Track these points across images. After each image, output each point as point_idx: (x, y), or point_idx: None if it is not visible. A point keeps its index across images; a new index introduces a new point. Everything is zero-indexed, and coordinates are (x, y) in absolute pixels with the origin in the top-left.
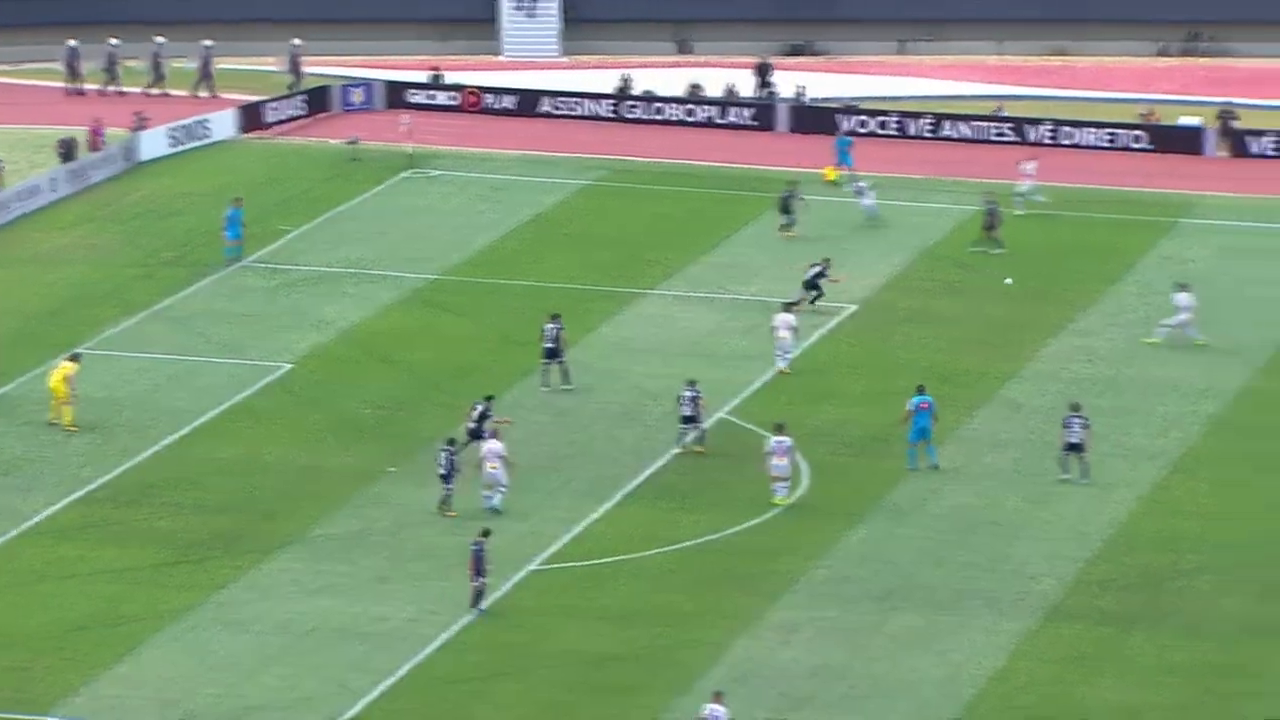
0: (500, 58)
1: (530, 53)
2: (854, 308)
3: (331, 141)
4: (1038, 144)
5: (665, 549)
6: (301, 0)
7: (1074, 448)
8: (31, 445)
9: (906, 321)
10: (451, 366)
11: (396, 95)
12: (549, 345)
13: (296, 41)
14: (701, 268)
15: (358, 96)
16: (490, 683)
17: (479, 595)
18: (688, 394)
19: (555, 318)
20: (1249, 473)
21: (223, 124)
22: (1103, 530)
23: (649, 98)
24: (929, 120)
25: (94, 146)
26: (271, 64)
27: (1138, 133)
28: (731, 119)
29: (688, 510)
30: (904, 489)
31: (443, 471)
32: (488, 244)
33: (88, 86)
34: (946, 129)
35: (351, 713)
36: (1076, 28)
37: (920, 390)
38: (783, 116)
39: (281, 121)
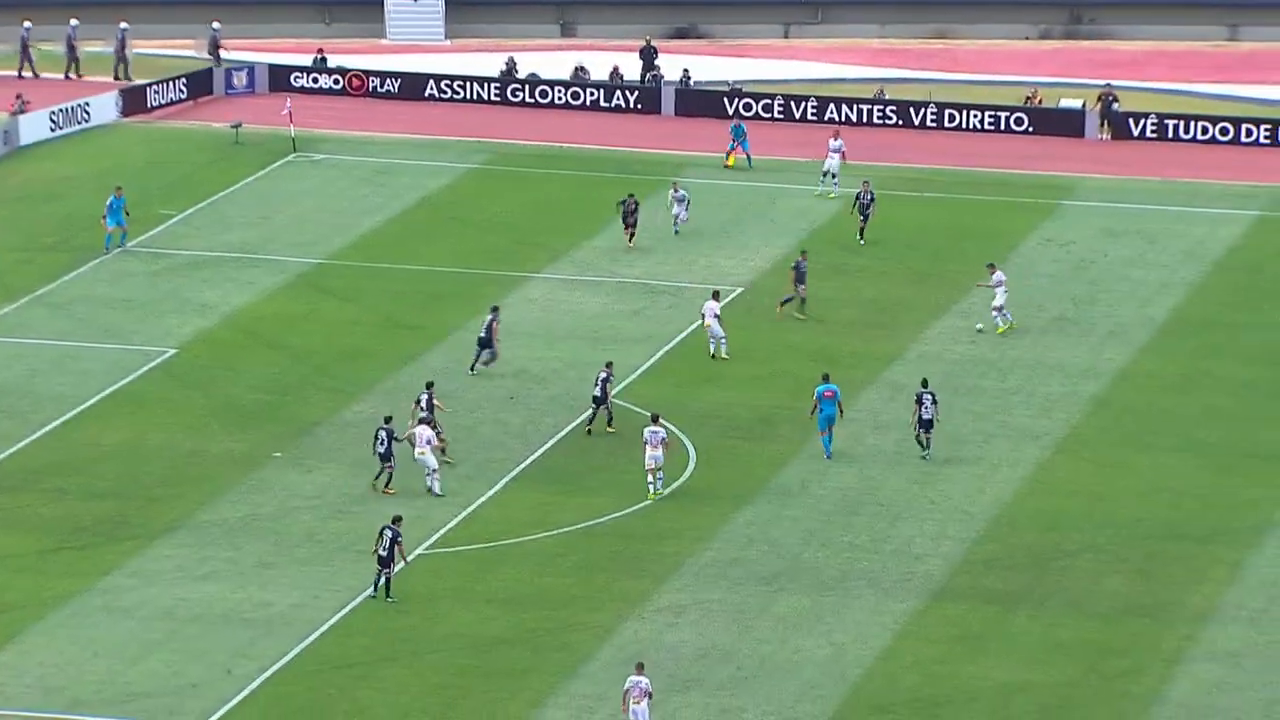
0: (384, 41)
1: (415, 36)
2: (739, 290)
3: (214, 125)
4: (922, 126)
5: (553, 532)
6: None
7: (926, 424)
8: None
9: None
10: (337, 351)
11: (280, 79)
12: (482, 335)
13: (216, 25)
14: (587, 251)
15: (240, 80)
16: (378, 667)
17: (390, 582)
18: (601, 375)
19: (495, 309)
20: (1131, 452)
21: (104, 107)
22: (987, 510)
23: (534, 81)
24: (813, 103)
25: None
26: (191, 47)
27: (1019, 115)
28: (617, 102)
29: (575, 494)
30: (789, 471)
31: (381, 450)
32: (373, 228)
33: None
34: (830, 112)
35: (237, 699)
36: (959, 11)
37: (825, 379)
38: (668, 100)
39: (163, 105)
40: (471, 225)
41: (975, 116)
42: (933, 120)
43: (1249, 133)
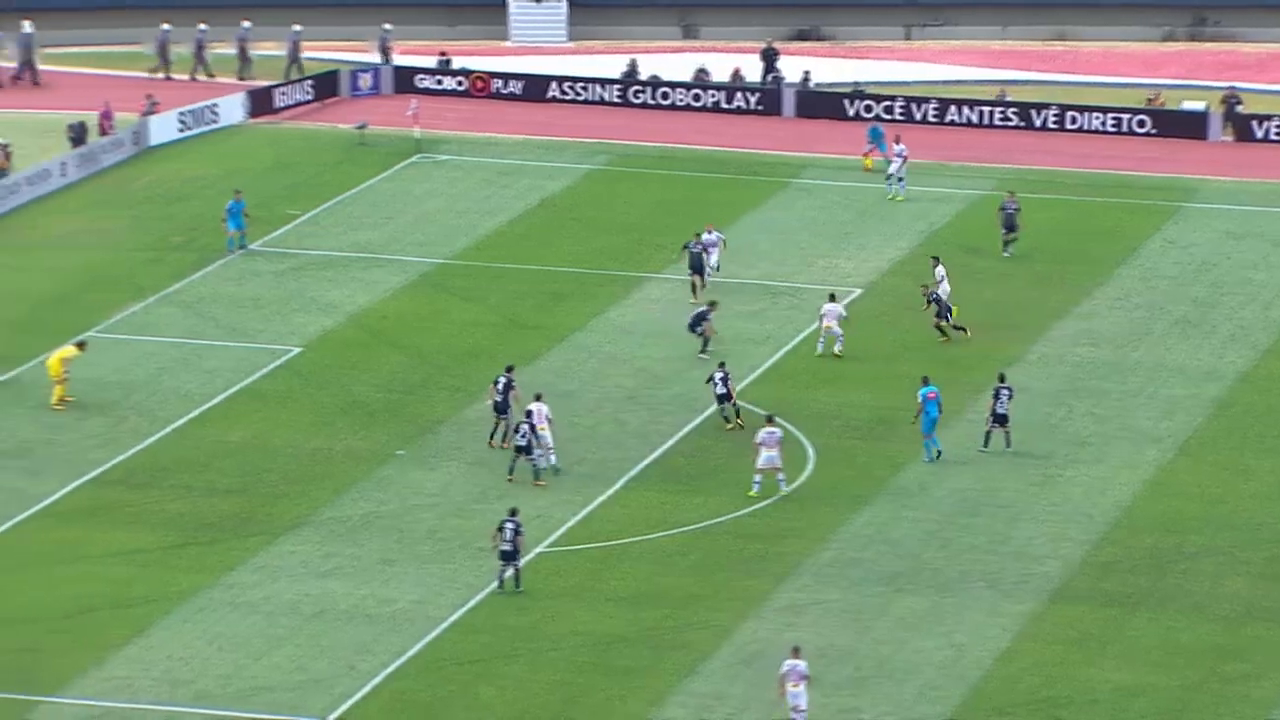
0: (508, 43)
1: (538, 38)
2: (859, 291)
3: (340, 126)
4: (1044, 128)
5: (672, 532)
6: None
7: (1000, 419)
8: (42, 428)
9: (912, 306)
10: (459, 350)
11: (405, 80)
12: (498, 399)
13: (387, 26)
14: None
15: (365, 82)
16: (497, 664)
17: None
18: (719, 375)
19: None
20: (1253, 455)
21: (231, 109)
22: (1107, 513)
23: (655, 83)
24: (934, 105)
25: (104, 131)
26: (363, 49)
27: (1142, 117)
28: (737, 104)
29: (694, 493)
30: (909, 472)
31: (498, 400)
32: (495, 228)
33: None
34: (951, 114)
35: (359, 694)
36: (1081, 12)
37: (925, 381)
38: (788, 101)
39: (290, 106)
40: (592, 226)
41: (1097, 118)
42: (1054, 122)
43: None
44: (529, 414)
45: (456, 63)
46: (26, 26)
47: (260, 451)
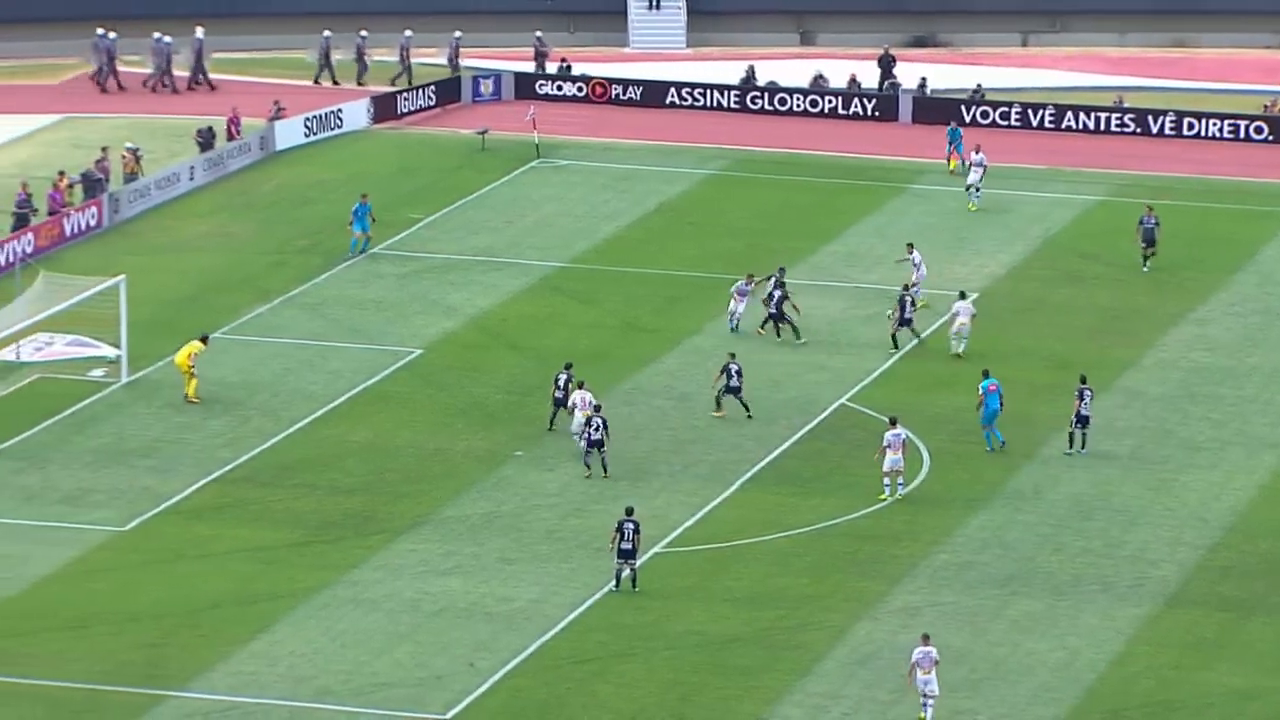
0: (627, 49)
1: (656, 44)
2: (974, 296)
3: (461, 132)
4: (1160, 134)
5: (788, 533)
6: None
7: (1083, 420)
8: (170, 428)
9: (1026, 310)
10: (577, 352)
11: (525, 86)
12: (558, 395)
13: (458, 34)
14: (823, 256)
15: (487, 88)
16: (613, 663)
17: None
18: (734, 367)
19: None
20: None
21: (356, 114)
22: (1222, 517)
23: (773, 89)
24: (1051, 111)
25: (231, 136)
26: (433, 55)
27: (1259, 123)
28: (854, 110)
29: (809, 495)
30: (1023, 476)
31: (559, 395)
32: (613, 232)
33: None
34: (1068, 120)
35: (478, 691)
36: (1198, 19)
37: (986, 374)
38: (905, 107)
39: (413, 112)
40: (708, 230)
41: (1214, 125)
42: (1171, 128)
43: None
44: (590, 407)
45: (576, 69)
46: (199, 32)
47: (382, 451)
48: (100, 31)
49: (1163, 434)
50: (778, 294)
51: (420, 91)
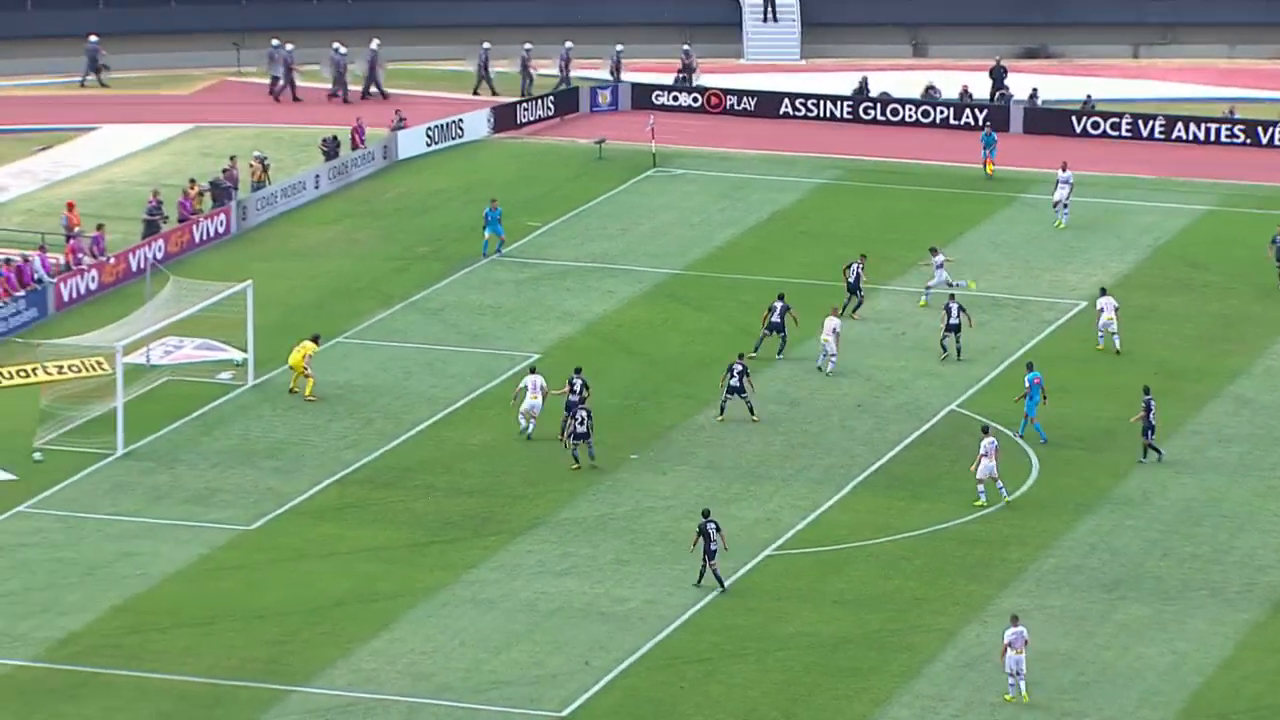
0: (742, 61)
1: (771, 56)
2: (1083, 304)
3: (579, 141)
4: (1270, 145)
5: (897, 536)
6: (558, 5)
7: (1151, 429)
8: (295, 429)
9: (1136, 318)
10: (691, 358)
11: (642, 97)
12: (775, 320)
13: (569, 44)
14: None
15: (605, 98)
16: (726, 663)
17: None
18: (738, 367)
19: (781, 297)
20: None
21: (476, 124)
22: None
23: (885, 99)
24: (1161, 122)
25: (355, 145)
26: (547, 66)
27: None
28: (966, 120)
29: (919, 499)
30: (1131, 481)
31: (574, 399)
32: (727, 240)
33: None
34: (1179, 131)
35: (593, 690)
36: None
37: (1030, 367)
38: (1016, 118)
39: (531, 122)
40: (821, 238)
41: None
42: None
43: None
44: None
45: (683, 79)
46: (373, 44)
47: (500, 454)
48: (275, 43)
49: (1272, 441)
50: (779, 305)
51: (539, 102)
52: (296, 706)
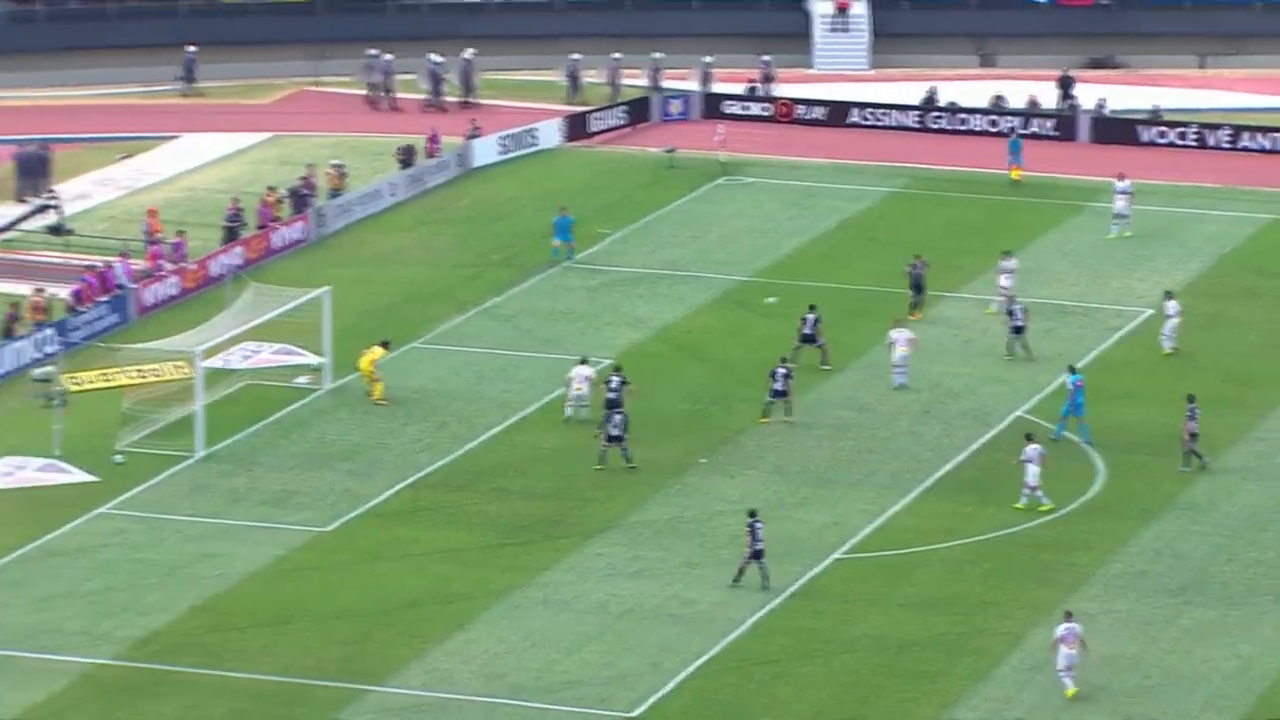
0: (812, 70)
1: (841, 66)
2: (1150, 312)
3: (650, 150)
4: None
5: (965, 540)
6: (628, 17)
7: (1194, 436)
8: (370, 433)
9: (1202, 326)
10: (760, 364)
11: (713, 106)
12: (807, 332)
13: (658, 55)
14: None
15: (676, 107)
16: (794, 665)
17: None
18: (781, 370)
19: (813, 308)
20: None
21: (549, 133)
22: None
23: (953, 109)
24: (1227, 132)
25: (431, 154)
26: (594, 76)
27: None
28: (1034, 129)
29: (986, 504)
30: (1197, 487)
31: (613, 396)
32: (795, 248)
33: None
34: (1245, 140)
35: (663, 691)
36: None
37: (1072, 370)
38: (1084, 127)
39: (604, 131)
40: (889, 246)
41: None
42: None
43: None
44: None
45: (761, 89)
46: (468, 53)
47: (571, 458)
48: (373, 52)
49: None
50: (811, 317)
51: (611, 111)
52: (372, 706)
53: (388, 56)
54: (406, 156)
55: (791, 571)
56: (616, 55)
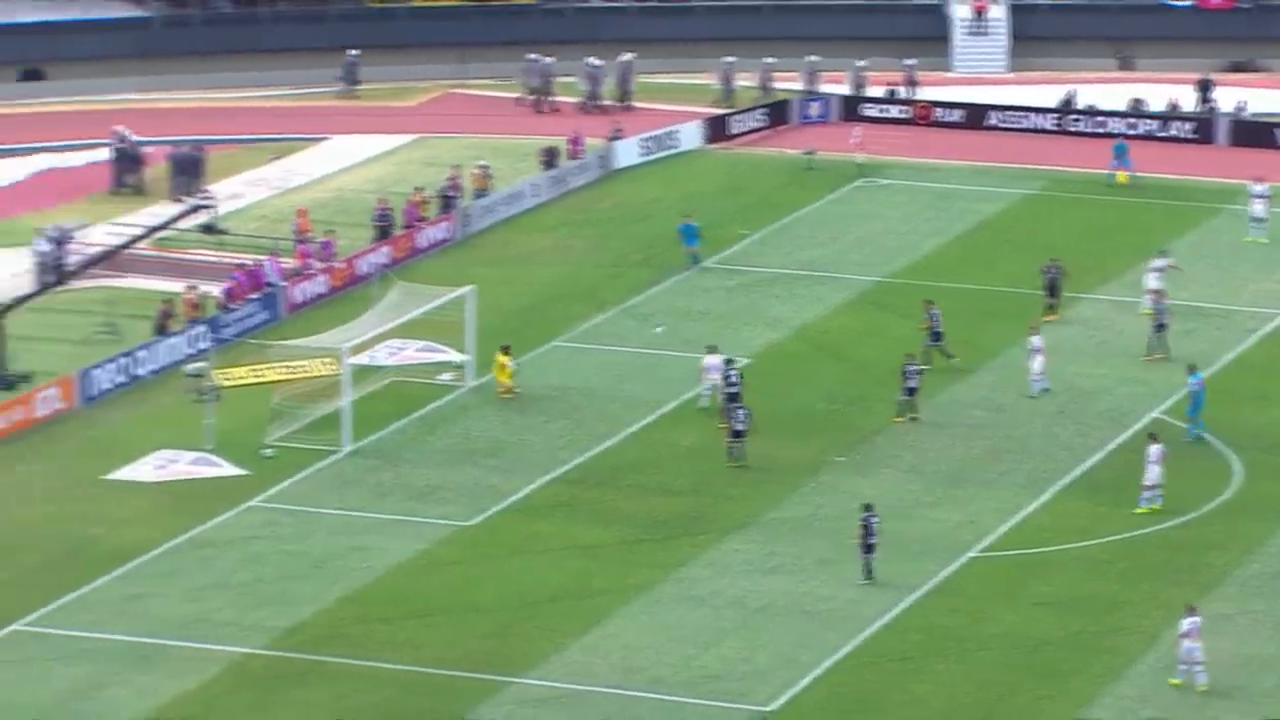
0: (950, 73)
1: (979, 68)
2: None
3: (788, 152)
4: None
5: (1100, 540)
6: (770, 21)
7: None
8: (513, 429)
9: None
10: (896, 364)
11: (852, 108)
12: (938, 330)
13: (813, 58)
14: (1139, 274)
15: (815, 110)
16: (929, 661)
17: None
18: (912, 368)
19: (931, 303)
20: None
21: (690, 135)
22: None
23: (1091, 111)
24: None
25: (573, 155)
26: (747, 79)
27: None
28: (1173, 132)
29: (1121, 504)
30: None
31: (735, 390)
32: (932, 249)
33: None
34: None
35: (800, 685)
36: None
37: (1192, 370)
38: (1223, 130)
39: (744, 133)
40: (1026, 248)
41: None
42: None
43: None
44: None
45: (902, 92)
46: (625, 56)
47: (709, 455)
48: (533, 56)
49: None
50: (937, 312)
51: (751, 113)
52: (513, 697)
53: (548, 59)
54: (549, 158)
55: (926, 569)
56: (769, 59)
